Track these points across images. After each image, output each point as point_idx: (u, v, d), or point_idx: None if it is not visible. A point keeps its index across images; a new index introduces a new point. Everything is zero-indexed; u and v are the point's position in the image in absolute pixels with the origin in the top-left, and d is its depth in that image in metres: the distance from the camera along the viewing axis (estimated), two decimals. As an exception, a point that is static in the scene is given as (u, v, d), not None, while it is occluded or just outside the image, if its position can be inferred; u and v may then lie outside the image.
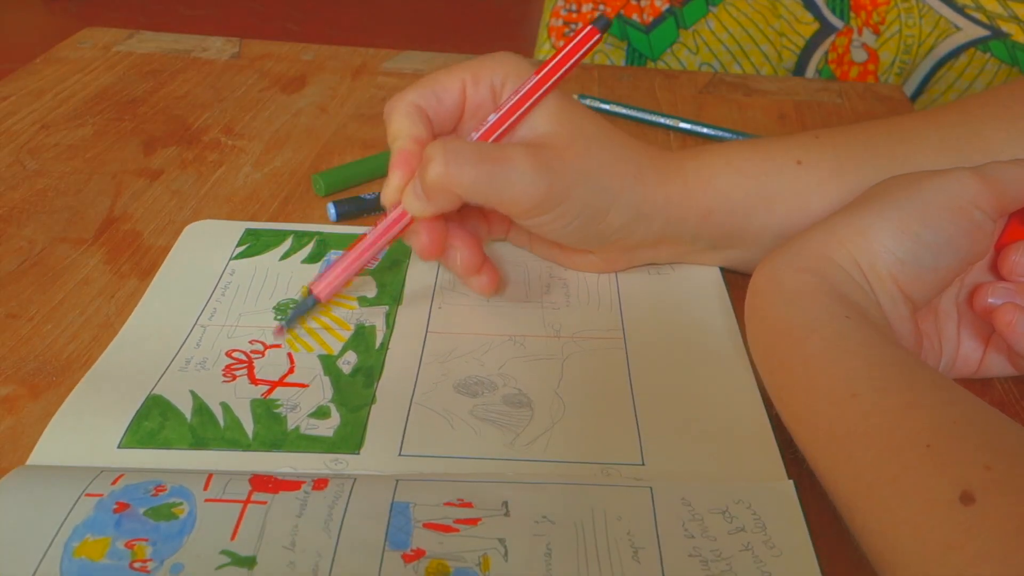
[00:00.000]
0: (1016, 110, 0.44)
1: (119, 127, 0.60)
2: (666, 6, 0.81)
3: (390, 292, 0.45)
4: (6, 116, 0.61)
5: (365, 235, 0.42)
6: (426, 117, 0.42)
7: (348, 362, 0.40)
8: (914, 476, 0.28)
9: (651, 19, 0.82)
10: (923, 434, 0.28)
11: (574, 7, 0.84)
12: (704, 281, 0.46)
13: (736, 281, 0.46)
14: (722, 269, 0.47)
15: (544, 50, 0.85)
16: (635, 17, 0.82)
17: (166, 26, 0.86)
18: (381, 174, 0.55)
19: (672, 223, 0.44)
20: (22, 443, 0.36)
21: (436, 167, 0.38)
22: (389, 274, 0.46)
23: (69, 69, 0.68)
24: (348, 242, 0.48)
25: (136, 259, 0.47)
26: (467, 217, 0.45)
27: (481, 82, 0.42)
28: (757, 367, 0.37)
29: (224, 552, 0.30)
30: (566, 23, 0.84)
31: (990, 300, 0.38)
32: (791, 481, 0.34)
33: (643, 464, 0.36)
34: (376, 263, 0.47)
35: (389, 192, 0.41)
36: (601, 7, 0.83)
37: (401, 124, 0.41)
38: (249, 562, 0.30)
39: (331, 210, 0.50)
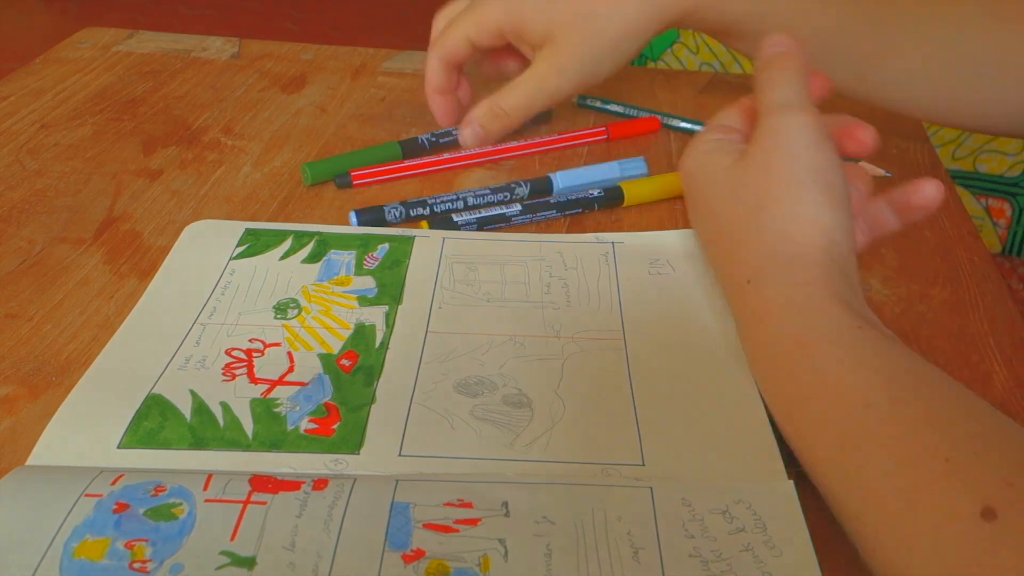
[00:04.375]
0: None
1: (119, 127, 0.60)
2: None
3: (390, 292, 0.45)
4: (6, 116, 0.61)
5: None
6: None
7: (348, 361, 0.40)
8: (933, 490, 0.27)
9: (651, 19, 0.81)
10: (942, 447, 0.28)
11: (574, 7, 0.83)
12: (704, 281, 0.46)
13: (736, 281, 0.46)
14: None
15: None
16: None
17: (166, 26, 0.86)
18: (368, 166, 0.56)
19: None
20: (22, 443, 0.36)
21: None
22: (389, 274, 0.46)
23: (69, 69, 0.68)
24: (348, 242, 0.48)
25: (136, 259, 0.47)
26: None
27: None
28: (756, 379, 0.37)
29: (224, 552, 0.30)
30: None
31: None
32: (791, 481, 0.34)
33: (643, 464, 0.35)
34: (377, 263, 0.47)
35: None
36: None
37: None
38: (249, 562, 0.30)
39: (352, 218, 0.50)
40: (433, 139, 0.58)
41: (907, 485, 0.28)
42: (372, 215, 0.51)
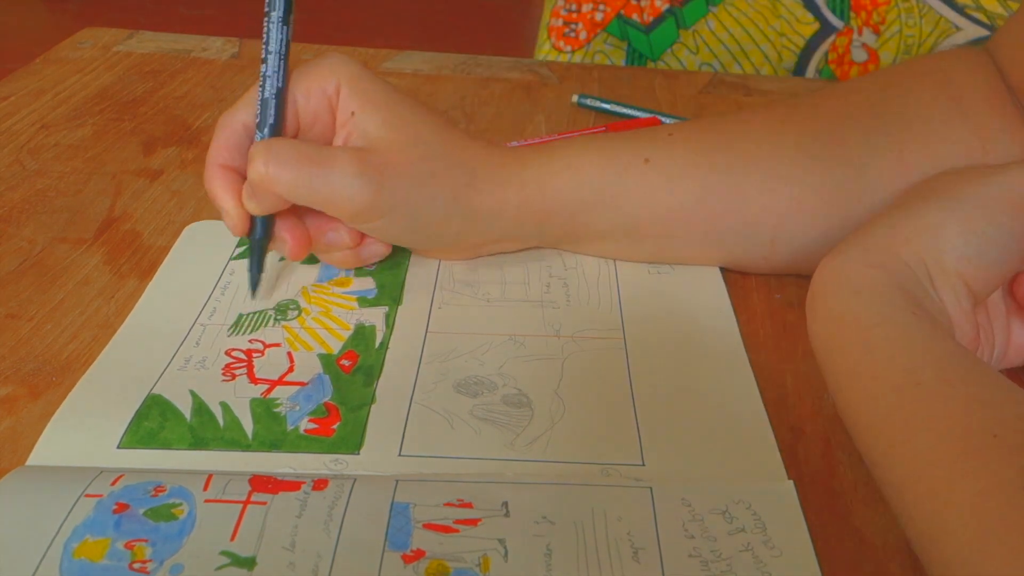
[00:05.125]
0: (870, 110, 0.44)
1: (119, 127, 0.60)
2: (666, 6, 0.81)
3: (390, 293, 0.45)
4: (6, 116, 0.61)
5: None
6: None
7: (348, 361, 0.40)
8: (979, 460, 0.27)
9: (651, 19, 0.82)
10: (989, 424, 0.28)
11: (574, 7, 0.84)
12: (704, 281, 0.46)
13: (736, 281, 0.46)
14: (722, 269, 0.47)
15: (544, 50, 0.85)
16: (635, 17, 0.82)
17: (166, 26, 0.86)
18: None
19: (512, 225, 0.45)
20: (22, 443, 0.36)
21: (257, 167, 0.39)
22: (389, 275, 0.46)
23: (69, 69, 0.68)
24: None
25: (136, 259, 0.47)
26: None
27: (313, 95, 0.42)
28: (816, 356, 0.37)
29: (224, 553, 0.30)
30: (566, 23, 0.84)
31: None
32: (791, 481, 0.34)
33: (643, 464, 0.36)
34: (374, 266, 0.47)
35: (229, 219, 0.42)
36: (601, 7, 0.83)
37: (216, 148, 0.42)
38: (249, 563, 0.30)
39: None
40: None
41: (954, 455, 0.28)
42: None
